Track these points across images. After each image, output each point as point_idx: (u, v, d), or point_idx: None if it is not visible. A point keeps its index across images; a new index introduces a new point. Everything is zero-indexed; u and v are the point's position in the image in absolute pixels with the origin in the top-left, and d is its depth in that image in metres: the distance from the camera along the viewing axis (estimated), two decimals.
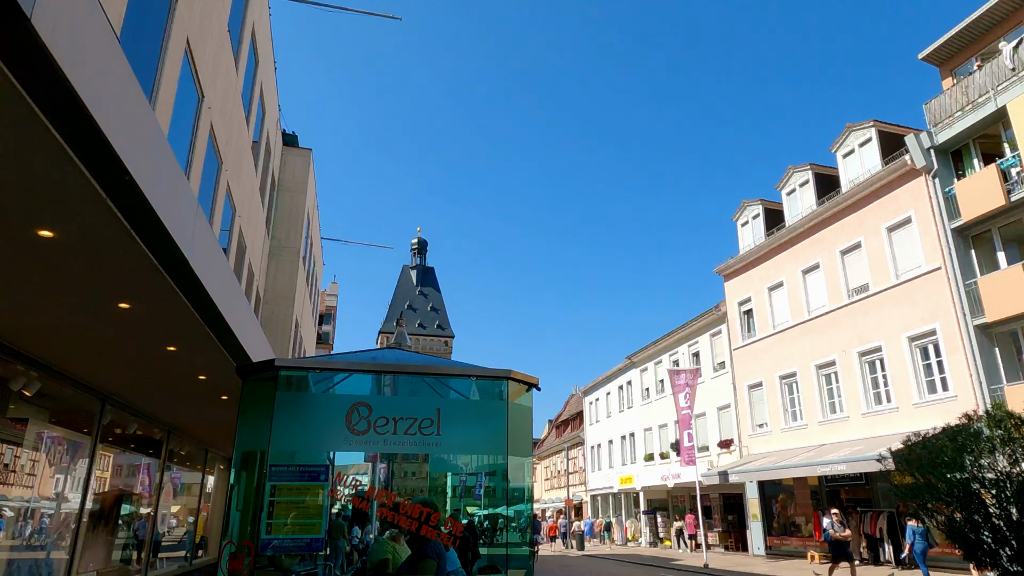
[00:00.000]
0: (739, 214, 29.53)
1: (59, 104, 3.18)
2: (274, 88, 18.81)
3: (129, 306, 6.06)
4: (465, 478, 13.88)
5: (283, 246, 21.42)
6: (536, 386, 5.68)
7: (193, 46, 9.41)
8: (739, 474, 24.25)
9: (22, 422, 8.96)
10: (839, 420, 22.07)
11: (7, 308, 6.13)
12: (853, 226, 22.51)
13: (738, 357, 28.10)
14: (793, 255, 25.40)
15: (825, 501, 22.09)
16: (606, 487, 41.34)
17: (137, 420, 12.30)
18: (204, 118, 10.56)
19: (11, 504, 8.68)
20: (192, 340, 7.32)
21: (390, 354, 6.20)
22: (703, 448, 29.13)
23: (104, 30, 3.55)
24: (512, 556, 6.17)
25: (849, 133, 23.44)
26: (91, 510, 10.63)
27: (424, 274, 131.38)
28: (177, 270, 5.30)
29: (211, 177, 11.68)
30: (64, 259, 4.97)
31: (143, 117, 4.21)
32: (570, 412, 56.67)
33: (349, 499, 6.74)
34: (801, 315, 24.50)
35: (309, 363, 5.72)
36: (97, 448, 10.55)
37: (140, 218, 4.41)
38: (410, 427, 5.16)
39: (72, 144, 3.50)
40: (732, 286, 29.10)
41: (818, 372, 23.32)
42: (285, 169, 22.33)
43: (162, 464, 14.27)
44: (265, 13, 16.02)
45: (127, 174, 3.85)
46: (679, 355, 33.32)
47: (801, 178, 25.98)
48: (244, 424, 5.66)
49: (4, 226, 4.40)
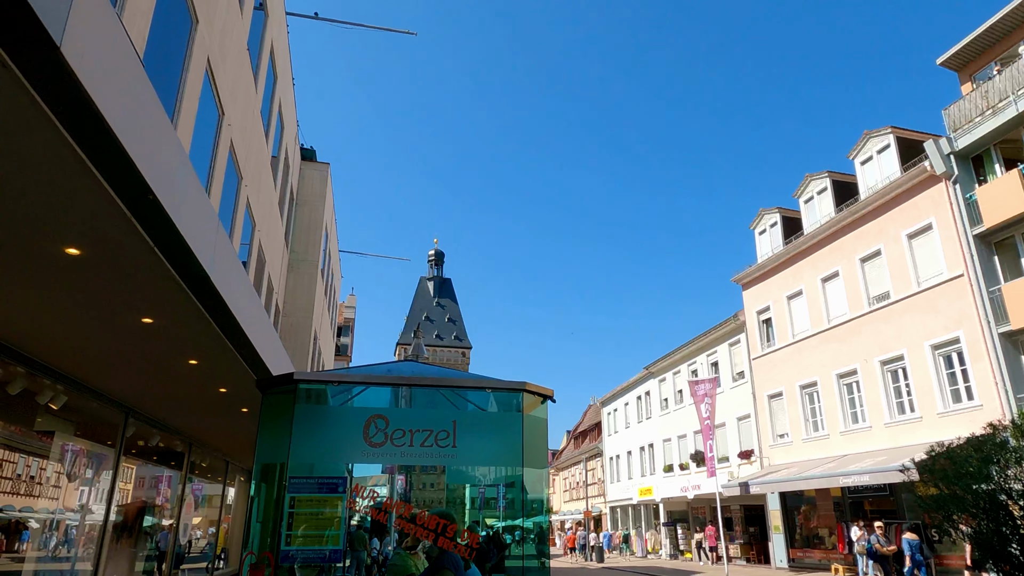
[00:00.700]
0: (756, 222, 29.35)
1: (86, 127, 3.30)
2: (292, 104, 19.11)
3: (152, 321, 6.19)
4: (484, 489, 13.89)
5: (302, 259, 21.66)
6: (551, 398, 5.70)
7: (213, 65, 9.62)
8: (760, 485, 23.97)
9: (48, 435, 9.15)
10: (861, 430, 21.76)
11: (35, 323, 6.30)
12: (872, 233, 22.28)
13: (757, 367, 27.84)
14: (812, 263, 25.18)
15: (848, 512, 21.74)
16: (625, 498, 41.02)
17: (159, 432, 12.48)
18: (224, 135, 10.76)
19: (37, 516, 8.84)
20: (213, 353, 7.45)
21: (406, 367, 6.25)
22: (723, 459, 28.83)
23: (129, 55, 3.67)
24: (528, 568, 6.16)
25: (867, 140, 23.25)
26: (115, 522, 10.78)
27: (441, 285, 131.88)
28: (198, 285, 5.42)
29: (231, 192, 11.88)
30: (90, 275, 5.11)
31: (166, 138, 4.33)
32: (588, 423, 56.40)
33: (368, 511, 6.78)
34: (821, 324, 24.24)
35: (327, 376, 5.80)
36: (121, 460, 10.72)
37: (163, 235, 4.53)
38: (426, 439, 5.20)
39: (98, 165, 3.62)
40: (750, 295, 28.89)
41: (839, 381, 23.03)
42: (303, 183, 22.63)
43: (184, 476, 14.45)
44: (283, 31, 16.31)
45: (151, 193, 3.96)
46: (697, 365, 33.08)
47: (819, 185, 25.79)
48: (264, 437, 5.74)
49: (33, 244, 4.54)
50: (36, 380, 7.82)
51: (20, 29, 2.68)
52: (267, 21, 13.92)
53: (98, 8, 3.17)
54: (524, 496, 5.52)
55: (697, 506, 33.26)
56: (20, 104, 3.08)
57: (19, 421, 8.18)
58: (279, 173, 17.58)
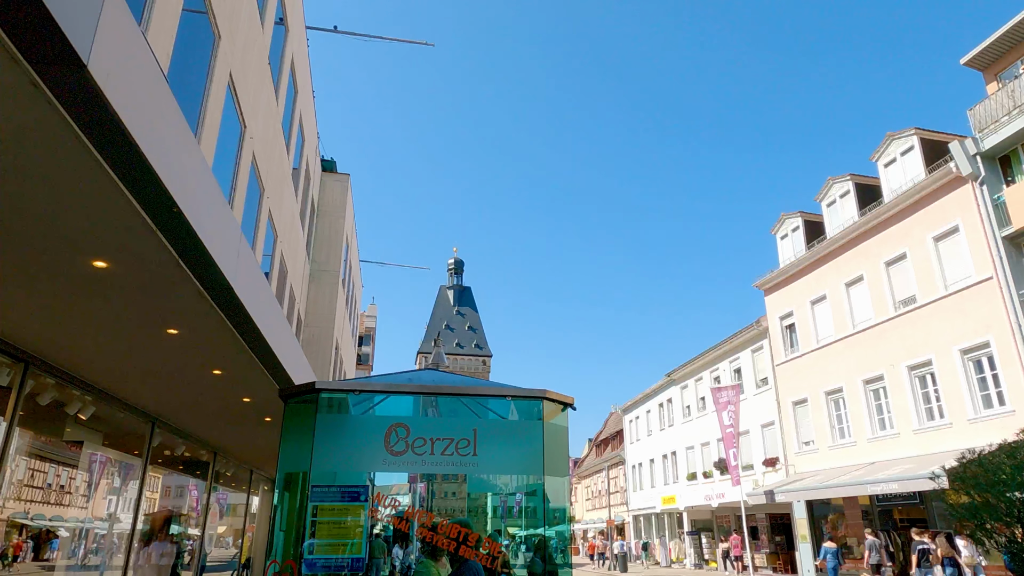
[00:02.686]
0: (778, 227, 29.06)
1: (112, 143, 3.37)
2: (312, 115, 19.35)
3: (177, 332, 6.29)
4: (506, 498, 13.84)
5: (323, 269, 21.87)
6: (571, 406, 5.68)
7: (236, 80, 9.78)
8: (786, 493, 23.61)
9: (77, 444, 9.32)
10: (889, 437, 21.35)
11: (64, 335, 6.43)
12: (897, 237, 21.93)
13: (781, 373, 27.48)
14: (835, 267, 24.84)
15: (878, 521, 21.32)
16: (648, 507, 40.64)
17: (185, 442, 12.64)
18: (247, 148, 10.93)
19: (66, 524, 9.00)
20: (236, 363, 7.54)
21: (427, 375, 6.28)
22: (747, 467, 28.46)
23: (153, 72, 3.75)
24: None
25: (890, 142, 22.94)
26: (142, 530, 10.93)
27: (461, 294, 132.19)
28: (222, 296, 5.49)
29: (253, 204, 12.05)
30: (117, 288, 5.21)
31: (189, 152, 4.41)
32: (610, 431, 56.05)
33: (390, 519, 6.80)
34: (846, 329, 23.88)
35: (349, 385, 5.84)
36: (147, 469, 10.87)
37: (187, 247, 4.61)
38: (447, 447, 5.21)
39: (124, 179, 3.70)
40: (773, 300, 28.57)
41: (865, 387, 22.64)
42: (324, 194, 22.87)
43: (209, 485, 14.60)
44: (303, 45, 16.54)
45: (175, 206, 4.03)
46: (720, 371, 32.75)
47: (841, 189, 25.48)
48: (287, 445, 5.80)
49: (62, 258, 4.64)
50: (65, 391, 7.98)
51: (49, 48, 2.75)
52: (287, 35, 14.13)
53: (124, 27, 3.24)
54: (546, 505, 5.50)
55: (721, 515, 32.85)
56: (49, 122, 3.16)
57: (49, 431, 8.34)
58: (300, 185, 17.80)
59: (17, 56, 2.76)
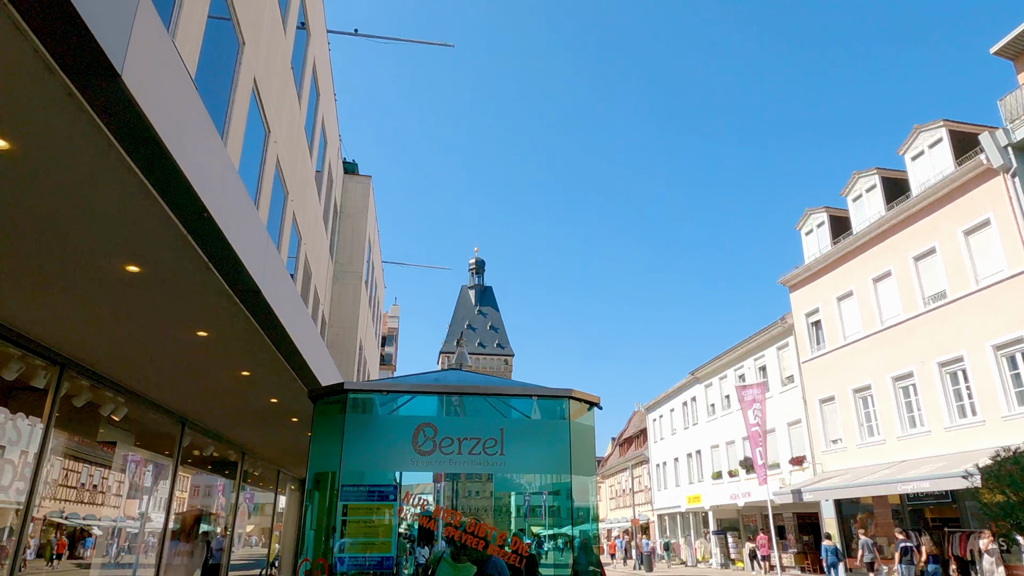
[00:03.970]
0: (803, 222, 28.68)
1: (145, 150, 3.44)
2: (335, 119, 19.53)
3: (207, 334, 6.39)
4: (529, 497, 13.86)
5: (346, 271, 22.06)
6: (597, 405, 5.67)
7: (260, 85, 9.91)
8: (814, 492, 23.29)
9: (111, 445, 9.52)
10: (920, 435, 20.96)
11: (98, 338, 6.57)
12: (926, 231, 21.52)
13: (807, 370, 27.12)
14: (862, 263, 24.45)
15: (909, 521, 20.95)
16: (673, 506, 40.37)
17: (214, 442, 12.84)
18: (271, 151, 11.06)
19: (100, 523, 9.19)
20: (264, 365, 7.65)
21: (452, 375, 6.31)
22: (774, 465, 28.13)
23: (183, 79, 3.82)
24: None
25: (918, 134, 22.51)
26: (173, 529, 11.12)
27: (482, 294, 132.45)
28: (251, 299, 5.58)
29: (278, 207, 12.20)
30: (148, 291, 5.31)
31: (218, 157, 4.49)
32: (633, 429, 55.77)
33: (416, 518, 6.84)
34: (873, 325, 23.49)
35: (377, 385, 5.89)
36: (178, 469, 11.06)
37: (216, 251, 4.68)
38: (474, 447, 5.23)
39: (156, 185, 3.77)
40: (798, 297, 28.20)
41: (894, 384, 22.25)
42: (346, 196, 23.07)
43: (237, 485, 14.82)
44: (325, 49, 16.70)
45: (205, 211, 4.11)
46: (744, 369, 32.41)
47: (867, 183, 25.06)
48: (316, 446, 5.87)
49: (96, 263, 4.75)
50: (99, 392, 8.15)
51: (84, 59, 2.82)
52: (309, 40, 14.28)
53: (155, 35, 3.31)
54: (572, 504, 5.49)
55: (748, 514, 32.51)
56: (84, 130, 3.23)
57: (84, 432, 8.53)
58: (323, 187, 17.97)
59: (53, 66, 2.84)
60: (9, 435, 6.43)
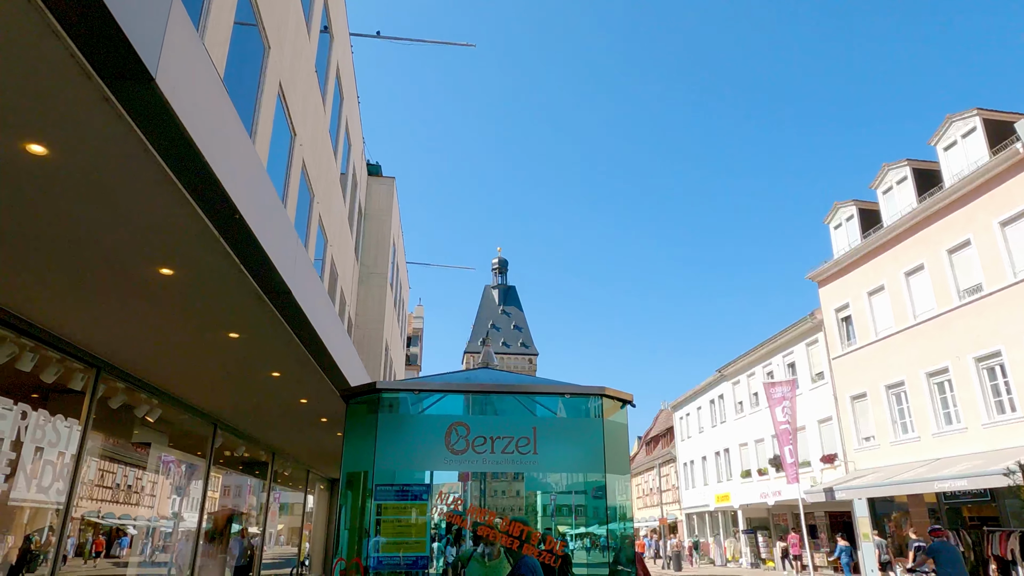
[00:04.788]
0: (831, 216, 28.19)
1: (178, 153, 3.47)
2: (358, 121, 19.66)
3: (238, 335, 6.46)
4: (555, 497, 13.80)
5: (371, 272, 22.20)
6: (630, 402, 5.61)
7: (285, 88, 10.00)
8: (846, 491, 22.88)
9: (145, 446, 9.67)
10: (956, 431, 20.47)
11: (132, 341, 6.67)
12: (960, 223, 21.00)
13: (838, 367, 26.65)
14: (893, 257, 23.95)
15: (946, 520, 20.47)
16: (702, 505, 39.98)
17: (245, 443, 13.00)
18: (297, 155, 11.16)
19: (136, 523, 9.35)
20: (294, 365, 7.71)
21: (483, 374, 6.29)
22: (804, 463, 27.70)
23: (214, 82, 3.85)
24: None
25: (950, 124, 21.98)
26: (206, 528, 11.28)
27: (506, 293, 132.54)
28: (281, 300, 5.61)
29: (304, 209, 12.31)
30: (181, 294, 5.37)
31: (249, 160, 4.52)
32: (660, 428, 55.36)
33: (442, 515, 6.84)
34: (906, 320, 23.00)
35: (409, 385, 5.89)
36: (210, 469, 11.21)
37: (248, 253, 4.72)
38: (507, 446, 5.20)
39: (189, 188, 3.80)
40: (827, 292, 27.73)
41: (929, 380, 21.75)
42: (371, 198, 23.22)
43: (268, 485, 14.98)
44: (348, 51, 16.82)
45: (237, 213, 4.13)
46: (773, 366, 31.95)
47: (898, 175, 24.55)
48: (349, 446, 5.89)
49: (131, 266, 4.81)
50: (134, 394, 8.29)
51: (119, 63, 2.85)
52: (332, 43, 14.38)
53: (187, 40, 3.33)
54: (607, 503, 5.43)
55: (778, 512, 32.06)
56: (119, 134, 3.27)
57: (119, 434, 8.68)
58: (348, 189, 18.10)
59: (89, 71, 2.87)
60: (49, 436, 6.56)
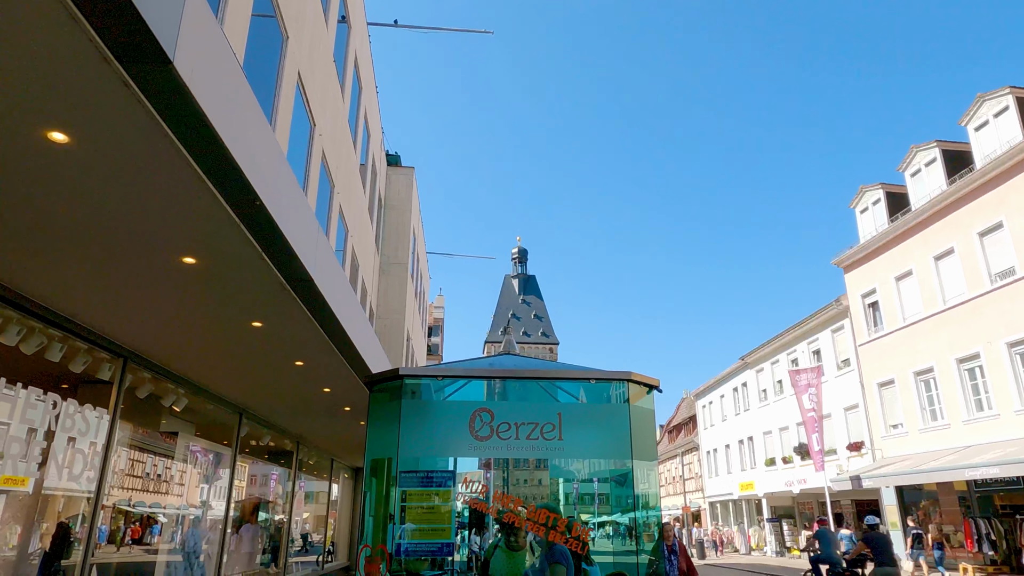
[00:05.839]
0: (857, 200, 27.67)
1: (197, 138, 3.45)
2: (377, 111, 19.65)
3: (261, 324, 6.47)
4: (578, 485, 13.76)
5: (392, 262, 22.26)
6: (657, 388, 5.53)
7: (304, 78, 9.98)
8: (874, 479, 22.58)
9: (172, 435, 9.80)
10: (988, 418, 20.06)
11: (158, 331, 6.72)
12: (992, 205, 20.48)
13: (864, 353, 26.23)
14: (922, 240, 23.46)
15: (977, 508, 20.12)
16: (725, 493, 39.76)
17: (270, 432, 13.12)
18: (316, 145, 11.16)
19: (165, 511, 9.49)
20: (317, 355, 7.73)
21: (507, 360, 6.24)
22: (830, 451, 27.38)
23: (233, 68, 3.81)
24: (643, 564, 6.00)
25: (981, 103, 21.40)
26: (234, 517, 11.42)
27: (526, 283, 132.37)
28: (303, 288, 5.61)
29: (325, 200, 12.33)
30: (204, 283, 5.38)
31: (268, 145, 4.49)
32: (682, 416, 55.08)
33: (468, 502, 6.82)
34: (935, 305, 22.54)
35: (432, 371, 5.86)
36: (237, 458, 11.34)
37: (270, 241, 4.70)
38: (532, 432, 5.15)
39: (209, 174, 3.78)
40: (853, 278, 27.27)
41: (959, 367, 21.33)
42: (390, 188, 23.24)
43: (293, 473, 15.14)
44: (366, 41, 16.78)
45: (257, 199, 4.11)
46: (797, 354, 31.56)
47: (927, 157, 23.99)
48: (373, 432, 5.88)
49: (154, 256, 4.82)
50: (161, 384, 8.38)
51: (137, 46, 2.81)
52: (350, 33, 14.34)
53: (205, 22, 3.30)
54: (634, 490, 5.36)
55: (803, 501, 31.78)
56: (138, 120, 3.24)
57: (147, 423, 8.79)
58: (367, 180, 18.12)
59: (108, 56, 2.84)
60: (79, 426, 6.65)
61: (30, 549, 6.19)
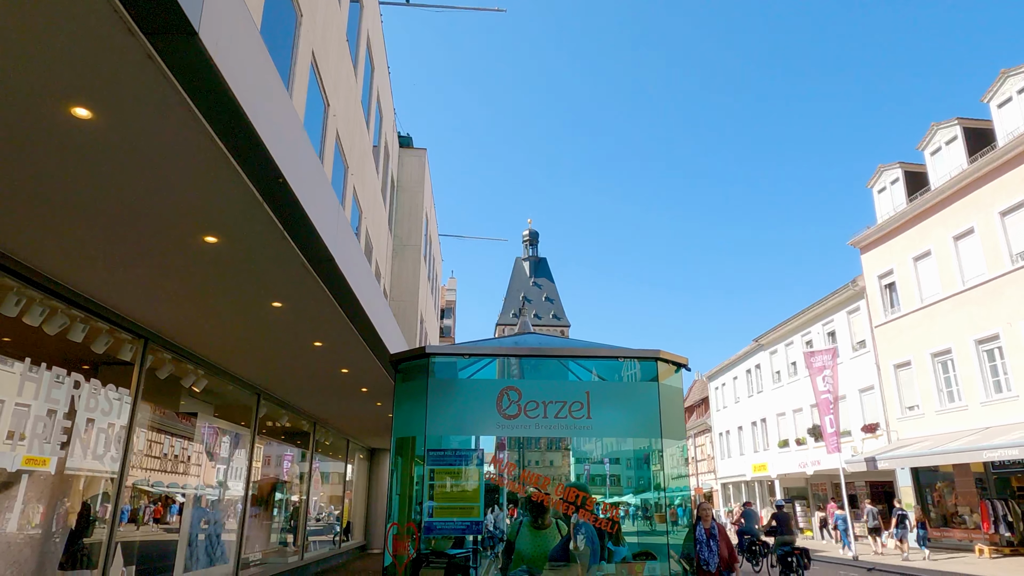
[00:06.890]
0: (875, 180, 27.26)
1: (222, 112, 3.38)
2: (389, 92, 19.50)
3: (281, 305, 6.45)
4: (589, 467, 13.78)
5: (405, 244, 22.22)
6: (685, 366, 5.47)
7: (318, 58, 9.89)
8: (890, 460, 22.47)
9: (191, 416, 9.86)
10: (1007, 399, 19.86)
11: (179, 311, 6.72)
12: (1015, 183, 20.09)
13: (881, 335, 26.00)
14: (941, 220, 23.10)
15: (994, 489, 20.00)
16: (738, 475, 39.80)
17: (288, 413, 13.21)
18: (331, 125, 11.09)
19: (185, 491, 9.58)
20: (336, 335, 7.72)
21: (532, 338, 6.19)
22: (845, 433, 27.26)
23: (256, 41, 3.74)
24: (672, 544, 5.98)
25: (1005, 79, 20.93)
26: (252, 496, 11.53)
27: (537, 265, 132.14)
28: (324, 268, 5.57)
29: (339, 181, 12.27)
30: (226, 263, 5.35)
31: (291, 121, 4.42)
32: (694, 398, 55.08)
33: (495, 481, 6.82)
34: (954, 286, 22.25)
35: (458, 349, 5.83)
36: (255, 439, 11.42)
37: (292, 219, 4.65)
38: (560, 410, 5.11)
39: (232, 150, 3.72)
40: (870, 258, 26.95)
41: (978, 348, 21.08)
42: (402, 170, 23.14)
43: (310, 454, 15.26)
44: (378, 21, 16.60)
45: (281, 176, 4.06)
46: (812, 335, 31.34)
47: (947, 135, 23.55)
48: (399, 411, 5.87)
49: (176, 235, 4.79)
50: (180, 365, 8.41)
51: (162, 17, 2.75)
52: (363, 12, 14.19)
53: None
54: (664, 469, 5.33)
55: (817, 482, 31.73)
56: (163, 94, 3.18)
57: (167, 404, 8.85)
58: (380, 161, 18.03)
59: (134, 28, 2.77)
60: (101, 406, 6.69)
61: (53, 528, 6.25)
